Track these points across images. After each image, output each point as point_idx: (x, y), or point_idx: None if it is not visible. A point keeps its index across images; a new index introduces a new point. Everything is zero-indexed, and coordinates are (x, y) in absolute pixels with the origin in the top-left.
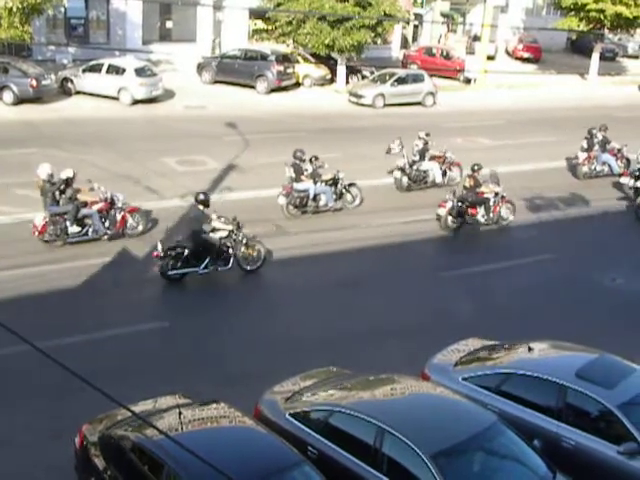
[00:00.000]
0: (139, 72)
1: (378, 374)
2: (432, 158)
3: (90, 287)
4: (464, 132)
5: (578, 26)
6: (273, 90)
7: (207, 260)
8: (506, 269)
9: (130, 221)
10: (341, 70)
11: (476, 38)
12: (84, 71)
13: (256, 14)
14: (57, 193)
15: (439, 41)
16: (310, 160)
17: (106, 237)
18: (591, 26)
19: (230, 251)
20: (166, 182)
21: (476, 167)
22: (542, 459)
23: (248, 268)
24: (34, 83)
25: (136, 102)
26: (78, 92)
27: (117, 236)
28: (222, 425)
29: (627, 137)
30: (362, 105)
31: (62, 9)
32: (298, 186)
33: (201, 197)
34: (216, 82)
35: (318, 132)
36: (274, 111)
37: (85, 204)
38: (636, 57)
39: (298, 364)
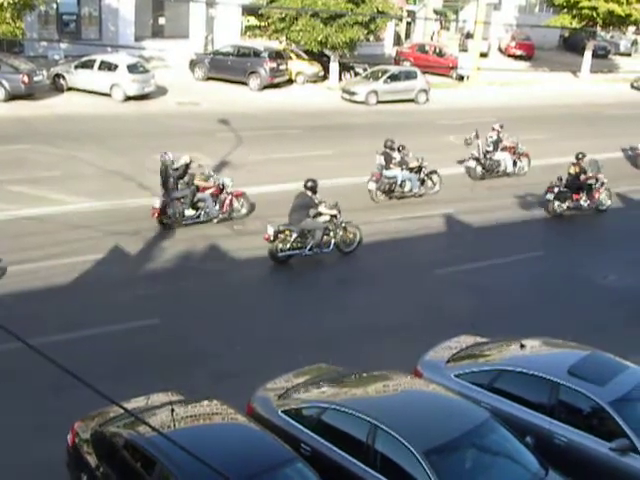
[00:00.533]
0: (131, 68)
1: (371, 371)
2: (504, 149)
3: (80, 284)
4: (457, 129)
5: (571, 23)
6: (266, 87)
7: (312, 243)
8: (499, 266)
9: (235, 204)
10: (334, 67)
11: (469, 35)
12: (76, 67)
13: (249, 10)
14: (174, 179)
15: (432, 38)
16: (398, 149)
17: (216, 220)
18: (584, 24)
19: (331, 234)
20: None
21: (580, 155)
22: (534, 456)
23: (345, 250)
24: (26, 79)
25: (128, 98)
26: (70, 88)
27: (224, 219)
28: (215, 422)
29: (618, 134)
30: (355, 102)
31: (54, 5)
32: (387, 173)
33: (310, 184)
34: (209, 79)
35: (311, 129)
36: (267, 108)
37: (198, 188)
38: (628, 55)
39: (292, 361)
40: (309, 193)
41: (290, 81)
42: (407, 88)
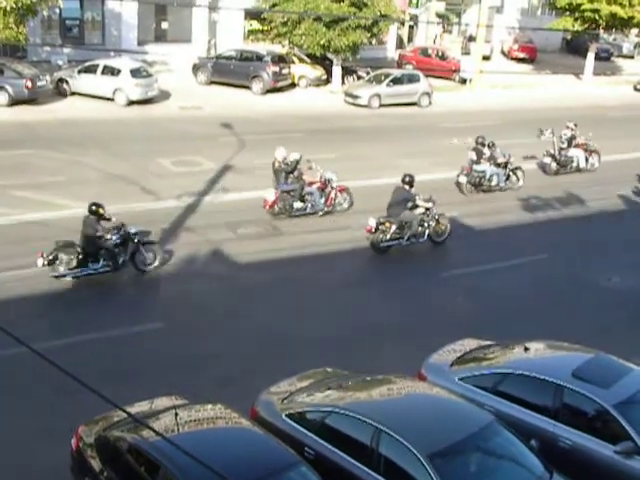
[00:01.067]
0: (134, 73)
1: (375, 374)
2: (576, 146)
3: (84, 289)
4: (460, 132)
5: (573, 26)
6: (269, 91)
7: (409, 234)
8: (502, 269)
9: (339, 198)
10: (337, 71)
11: (471, 38)
12: (79, 72)
13: (251, 15)
14: (286, 174)
15: (434, 41)
16: (488, 145)
17: (321, 213)
18: (586, 26)
19: (425, 225)
20: (162, 183)
21: None
22: (539, 459)
23: (437, 240)
24: (29, 84)
25: (131, 103)
26: (73, 93)
27: (328, 212)
28: (218, 426)
29: (621, 136)
30: (358, 105)
31: (57, 10)
32: (477, 167)
33: (407, 179)
34: (212, 83)
35: (314, 133)
36: (270, 112)
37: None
38: (631, 57)
39: (295, 364)
40: (406, 187)
41: (293, 85)
42: (410, 91)
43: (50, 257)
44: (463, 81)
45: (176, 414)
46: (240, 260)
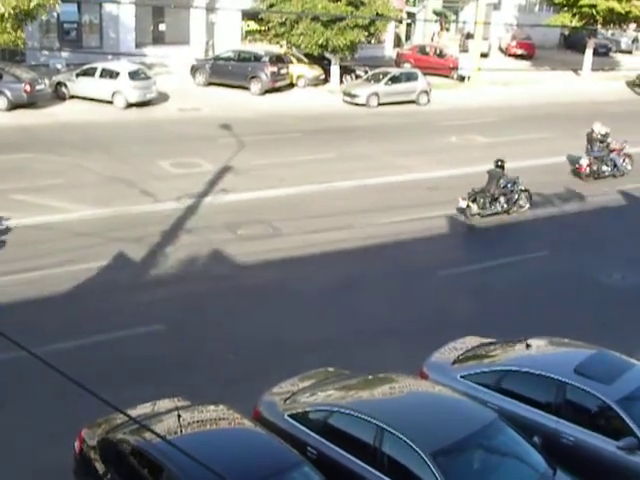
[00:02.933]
0: (133, 75)
1: (376, 373)
2: None
3: (85, 292)
4: (459, 130)
5: (571, 22)
6: (267, 91)
7: None
8: (503, 266)
9: (625, 163)
10: (335, 70)
11: (469, 36)
12: (78, 75)
13: (249, 15)
14: (599, 143)
15: (432, 39)
16: None
17: (619, 174)
18: (584, 22)
19: None
20: (161, 185)
21: None
22: (542, 455)
23: None
24: (28, 88)
25: (130, 105)
26: (72, 96)
27: (622, 173)
28: (221, 427)
29: (619, 131)
30: (356, 105)
31: (55, 14)
32: None
33: None
34: (210, 84)
35: (313, 132)
36: (268, 112)
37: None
38: (629, 52)
39: (297, 365)
40: None
41: (291, 85)
42: (408, 90)
43: (471, 199)
44: (461, 79)
45: (179, 416)
46: (238, 260)
